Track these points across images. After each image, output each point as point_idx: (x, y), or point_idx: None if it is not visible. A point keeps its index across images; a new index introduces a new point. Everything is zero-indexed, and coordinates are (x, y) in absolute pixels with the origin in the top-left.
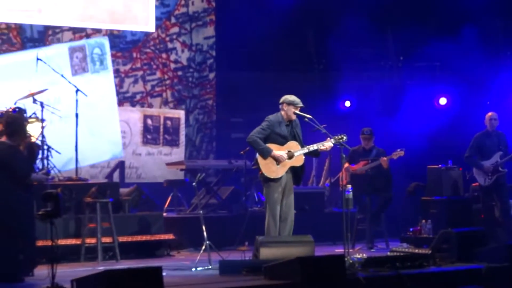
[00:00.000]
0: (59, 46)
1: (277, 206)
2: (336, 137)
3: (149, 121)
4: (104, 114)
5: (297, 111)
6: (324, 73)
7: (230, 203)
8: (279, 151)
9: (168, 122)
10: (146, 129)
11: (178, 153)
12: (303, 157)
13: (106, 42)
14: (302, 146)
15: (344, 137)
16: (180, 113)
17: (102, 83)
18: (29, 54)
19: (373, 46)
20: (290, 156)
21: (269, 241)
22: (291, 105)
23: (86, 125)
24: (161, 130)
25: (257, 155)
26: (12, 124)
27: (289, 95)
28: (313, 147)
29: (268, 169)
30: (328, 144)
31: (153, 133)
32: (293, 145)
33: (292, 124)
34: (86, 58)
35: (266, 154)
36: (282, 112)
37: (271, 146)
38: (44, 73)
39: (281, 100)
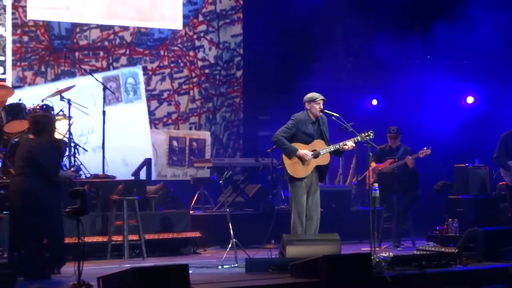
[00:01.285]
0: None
1: (303, 205)
2: (363, 134)
3: (174, 143)
4: (137, 143)
5: (322, 107)
6: (352, 71)
7: (256, 201)
8: (303, 150)
9: (194, 144)
10: (171, 151)
11: (204, 175)
12: (329, 155)
13: (139, 71)
14: (328, 145)
15: (371, 134)
16: (206, 134)
17: (135, 113)
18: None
19: (400, 45)
20: (316, 155)
21: (296, 239)
22: (312, 102)
23: (120, 155)
24: (187, 151)
25: (283, 155)
26: (36, 124)
27: (310, 93)
28: (336, 146)
29: (294, 168)
30: (350, 143)
31: (178, 155)
32: (319, 143)
33: (319, 122)
34: (120, 87)
35: (291, 153)
36: (308, 111)
37: (296, 145)
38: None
39: (303, 100)
